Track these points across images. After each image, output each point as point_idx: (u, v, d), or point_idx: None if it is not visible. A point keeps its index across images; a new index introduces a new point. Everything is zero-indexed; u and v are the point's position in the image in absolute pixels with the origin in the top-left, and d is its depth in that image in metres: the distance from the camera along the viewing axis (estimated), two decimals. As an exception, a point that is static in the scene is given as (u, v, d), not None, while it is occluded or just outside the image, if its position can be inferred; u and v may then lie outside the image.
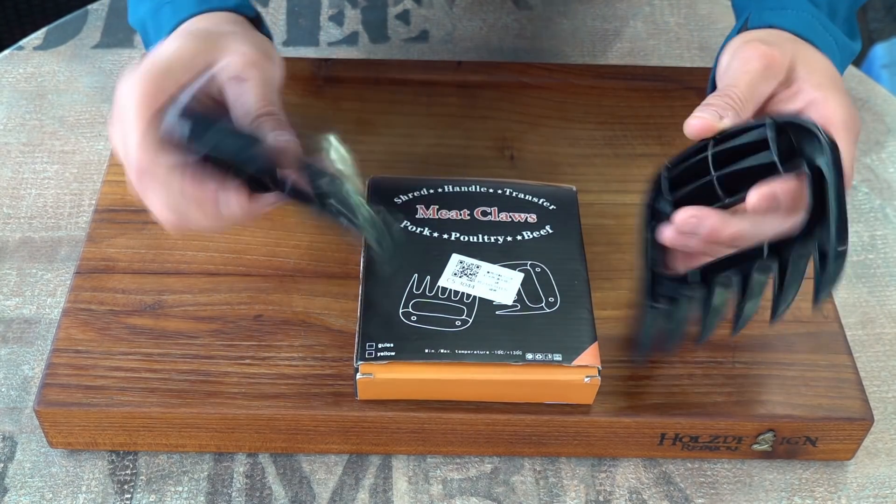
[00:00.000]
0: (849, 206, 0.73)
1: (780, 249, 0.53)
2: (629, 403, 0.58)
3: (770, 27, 0.59)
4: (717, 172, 0.53)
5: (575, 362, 0.55)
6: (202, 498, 0.57)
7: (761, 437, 0.58)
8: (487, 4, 0.90)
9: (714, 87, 0.62)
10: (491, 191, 0.64)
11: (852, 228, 0.72)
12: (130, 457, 0.59)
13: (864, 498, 0.59)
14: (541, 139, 0.73)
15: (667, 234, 0.54)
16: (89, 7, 0.87)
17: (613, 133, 0.74)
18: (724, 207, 0.53)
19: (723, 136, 0.53)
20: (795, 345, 0.61)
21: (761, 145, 0.52)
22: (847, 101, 0.55)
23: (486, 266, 0.60)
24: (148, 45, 0.62)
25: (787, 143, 0.51)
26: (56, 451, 0.59)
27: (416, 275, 0.59)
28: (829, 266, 0.50)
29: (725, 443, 0.58)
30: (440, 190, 0.64)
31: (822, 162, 0.50)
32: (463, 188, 0.64)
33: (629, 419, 0.57)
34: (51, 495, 0.57)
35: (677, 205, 0.54)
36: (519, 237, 0.61)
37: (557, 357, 0.56)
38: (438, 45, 0.86)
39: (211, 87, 0.56)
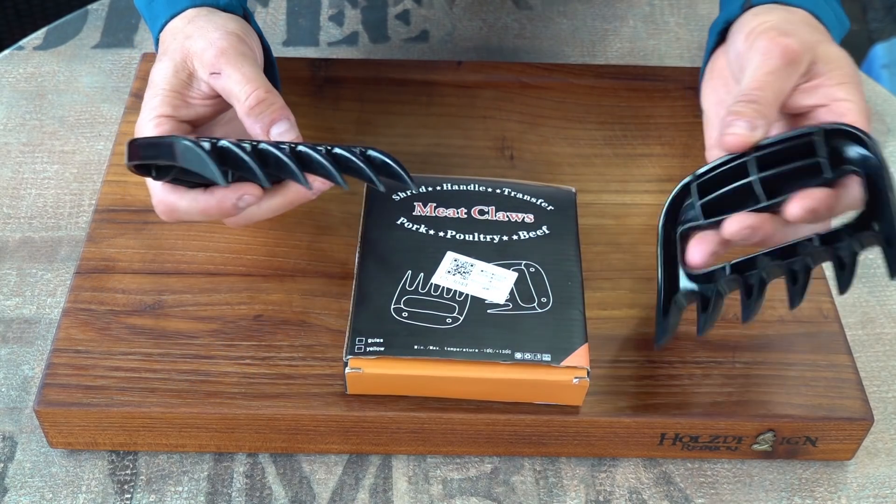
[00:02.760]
0: (849, 206, 0.74)
1: (831, 240, 0.53)
2: (629, 403, 0.58)
3: (775, 2, 0.58)
4: (758, 175, 0.53)
5: (564, 363, 0.55)
6: (202, 498, 0.57)
7: (761, 437, 0.58)
8: (487, 4, 0.90)
9: (713, 48, 0.63)
10: (489, 190, 0.64)
11: (852, 228, 0.73)
12: (130, 457, 0.59)
13: (864, 498, 0.59)
14: (541, 139, 0.73)
15: (706, 244, 0.54)
16: (89, 7, 0.87)
17: (613, 133, 0.74)
18: (763, 210, 0.53)
19: (764, 145, 0.53)
20: (795, 345, 0.61)
21: (802, 149, 0.52)
22: (863, 98, 0.55)
23: (480, 265, 0.60)
24: (150, 26, 0.64)
25: (830, 147, 0.52)
26: (56, 451, 0.59)
27: (409, 271, 0.59)
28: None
29: (725, 443, 0.58)
30: (438, 188, 0.64)
31: (874, 162, 0.51)
32: (461, 187, 0.64)
33: (629, 419, 0.57)
34: (51, 495, 0.57)
35: (706, 209, 0.54)
36: (515, 237, 0.62)
37: (546, 357, 0.56)
38: (438, 45, 0.86)
39: (209, 89, 0.58)
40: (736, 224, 0.52)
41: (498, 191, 0.64)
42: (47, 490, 0.57)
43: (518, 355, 0.56)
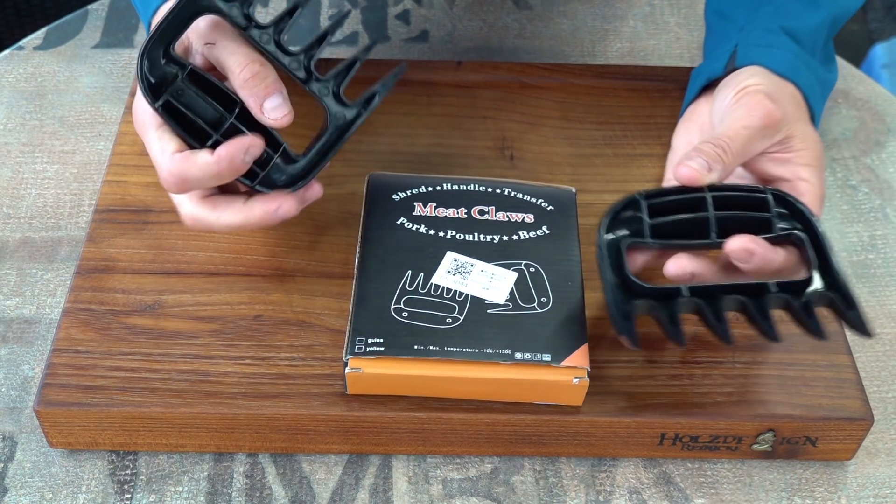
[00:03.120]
0: (849, 207, 0.74)
1: (788, 289, 0.56)
2: (629, 403, 0.58)
3: (758, 65, 0.61)
4: (716, 213, 0.56)
5: (564, 363, 0.55)
6: (202, 498, 0.57)
7: (761, 437, 0.58)
8: (487, 4, 0.90)
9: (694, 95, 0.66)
10: (489, 190, 0.64)
11: (852, 228, 0.73)
12: (130, 457, 0.59)
13: (864, 498, 0.59)
14: (541, 139, 0.73)
15: (681, 263, 0.55)
16: (89, 7, 0.87)
17: (613, 133, 0.74)
18: (708, 247, 0.56)
19: (719, 186, 0.57)
20: (795, 345, 0.61)
21: (754, 202, 0.56)
22: (823, 183, 0.59)
23: (480, 265, 0.60)
24: (141, 13, 0.64)
25: (780, 212, 0.57)
26: (56, 451, 0.59)
27: (409, 271, 0.59)
28: (858, 307, 0.55)
29: (725, 443, 0.58)
30: (438, 188, 0.64)
31: (811, 228, 0.56)
32: (461, 187, 0.64)
33: (629, 419, 0.57)
34: (51, 495, 0.57)
35: (655, 230, 0.56)
36: (515, 237, 0.61)
37: (546, 357, 0.56)
38: (438, 45, 0.86)
39: (204, 61, 0.58)
40: (737, 243, 0.54)
41: (498, 191, 0.64)
42: (47, 490, 0.57)
43: (518, 355, 0.56)
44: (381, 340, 0.56)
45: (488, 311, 0.58)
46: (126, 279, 0.62)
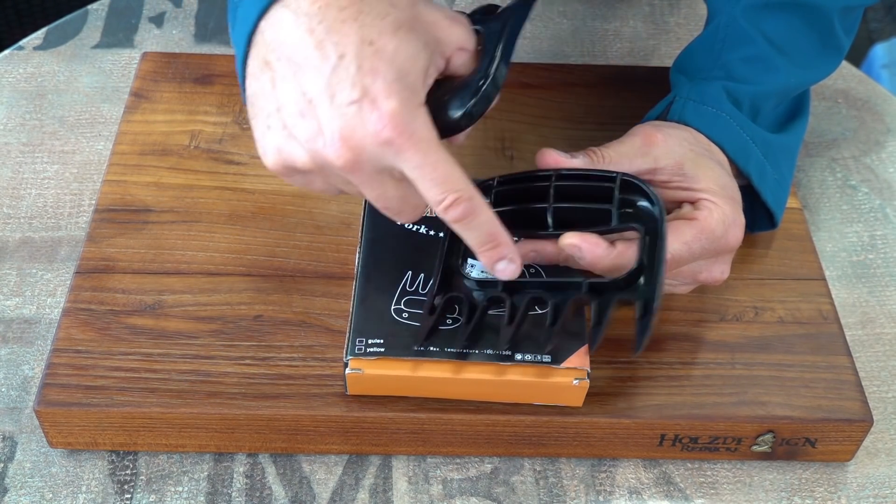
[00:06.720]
0: (849, 207, 0.74)
1: (598, 289, 0.55)
2: (629, 404, 0.58)
3: (685, 124, 0.61)
4: (555, 204, 0.56)
5: (564, 364, 0.55)
6: (202, 498, 0.57)
7: (760, 438, 0.58)
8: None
9: None
10: (491, 191, 0.64)
11: (852, 228, 0.73)
12: (130, 457, 0.59)
13: (864, 498, 0.59)
14: (541, 139, 0.73)
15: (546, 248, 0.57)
16: (89, 7, 0.87)
17: (613, 133, 0.73)
18: (546, 238, 0.57)
19: (567, 175, 0.56)
20: (795, 346, 0.61)
21: (601, 192, 0.55)
22: (731, 208, 0.57)
23: (479, 265, 0.60)
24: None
25: (627, 201, 0.55)
26: (56, 451, 0.59)
27: (409, 272, 0.59)
28: (650, 319, 0.53)
29: (725, 444, 0.59)
30: (440, 190, 0.64)
31: (654, 227, 0.54)
32: (463, 188, 0.64)
33: (629, 420, 0.57)
34: (51, 495, 0.57)
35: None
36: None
37: (547, 358, 0.56)
38: (438, 45, 0.86)
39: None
40: (568, 239, 0.54)
41: (498, 191, 0.64)
42: (47, 490, 0.57)
43: (518, 356, 0.56)
44: (382, 341, 0.56)
45: (488, 311, 0.58)
46: (126, 279, 0.62)
